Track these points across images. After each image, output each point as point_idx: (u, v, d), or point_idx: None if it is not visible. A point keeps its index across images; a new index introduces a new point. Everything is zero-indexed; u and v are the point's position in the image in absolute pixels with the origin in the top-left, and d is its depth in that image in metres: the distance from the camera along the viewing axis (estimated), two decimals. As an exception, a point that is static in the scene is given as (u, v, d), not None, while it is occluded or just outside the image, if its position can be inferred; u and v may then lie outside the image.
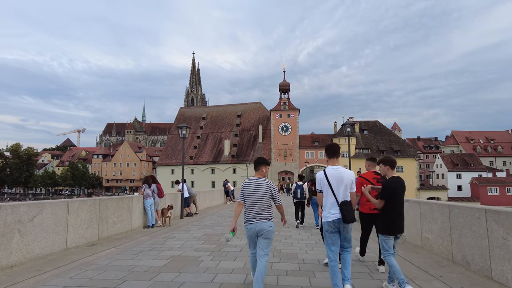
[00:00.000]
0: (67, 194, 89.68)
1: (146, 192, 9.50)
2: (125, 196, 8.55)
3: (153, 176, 9.96)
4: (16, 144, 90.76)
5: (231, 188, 22.24)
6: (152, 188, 9.71)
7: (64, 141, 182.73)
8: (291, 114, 71.66)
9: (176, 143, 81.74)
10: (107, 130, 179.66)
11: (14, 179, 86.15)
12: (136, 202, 9.06)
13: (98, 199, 7.21)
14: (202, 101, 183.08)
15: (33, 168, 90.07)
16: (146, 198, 9.42)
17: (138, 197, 9.25)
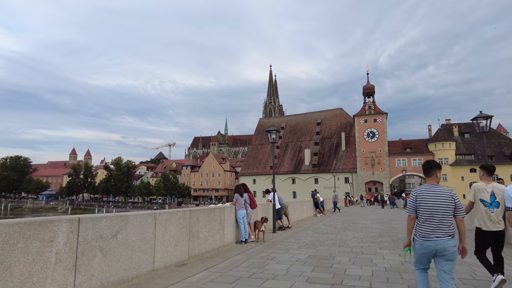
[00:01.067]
0: (160, 202, 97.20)
1: (238, 202, 8.40)
2: (217, 207, 7.51)
3: (245, 185, 8.84)
4: (118, 158, 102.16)
5: (320, 199, 20.33)
6: (244, 197, 8.57)
7: (157, 154, 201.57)
8: (378, 118, 66.41)
9: (256, 153, 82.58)
10: (194, 143, 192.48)
11: (117, 189, 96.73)
12: (228, 214, 7.97)
13: (188, 210, 6.22)
14: (280, 111, 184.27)
15: (131, 179, 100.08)
16: (238, 209, 8.31)
17: (230, 208, 8.17)
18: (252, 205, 8.73)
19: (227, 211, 7.88)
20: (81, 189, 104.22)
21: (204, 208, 6.83)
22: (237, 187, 8.60)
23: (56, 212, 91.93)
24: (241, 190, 8.51)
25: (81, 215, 4.07)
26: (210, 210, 7.02)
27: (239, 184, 8.75)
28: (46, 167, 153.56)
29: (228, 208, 7.97)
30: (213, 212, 7.16)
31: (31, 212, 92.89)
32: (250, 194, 8.78)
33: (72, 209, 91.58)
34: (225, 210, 7.80)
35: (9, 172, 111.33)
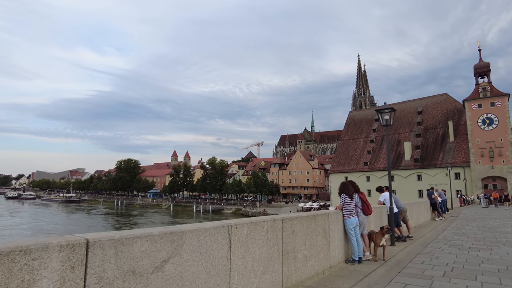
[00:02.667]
0: (251, 200, 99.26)
1: (347, 206, 6.20)
2: (319, 213, 5.34)
3: (353, 183, 6.57)
4: (213, 158, 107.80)
5: (438, 199, 16.44)
6: (355, 200, 6.31)
7: (247, 153, 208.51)
8: (497, 101, 55.44)
9: (347, 149, 77.47)
10: (281, 141, 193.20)
11: (212, 187, 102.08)
12: (334, 223, 5.77)
13: (279, 219, 4.22)
14: (371, 103, 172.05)
15: (225, 177, 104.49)
16: (347, 215, 6.09)
17: (336, 214, 5.96)
18: (366, 210, 6.37)
19: (332, 218, 5.68)
20: (181, 187, 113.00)
21: (301, 215, 4.74)
22: (344, 185, 6.38)
23: (160, 208, 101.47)
24: (350, 190, 6.29)
25: (94, 234, 2.37)
26: (309, 218, 4.92)
27: (346, 182, 6.52)
28: (152, 168, 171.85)
29: (333, 215, 5.76)
30: (313, 220, 5.03)
31: (140, 208, 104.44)
32: (362, 195, 6.46)
33: (173, 206, 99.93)
34: (330, 217, 5.61)
35: (123, 173, 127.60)
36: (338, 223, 5.90)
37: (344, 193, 6.22)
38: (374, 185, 64.74)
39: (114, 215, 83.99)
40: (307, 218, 4.84)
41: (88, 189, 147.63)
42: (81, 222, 69.80)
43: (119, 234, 2.39)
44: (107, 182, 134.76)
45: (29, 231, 56.48)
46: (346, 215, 6.05)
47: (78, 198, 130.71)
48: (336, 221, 5.85)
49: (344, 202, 6.12)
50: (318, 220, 5.17)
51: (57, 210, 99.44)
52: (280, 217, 4.24)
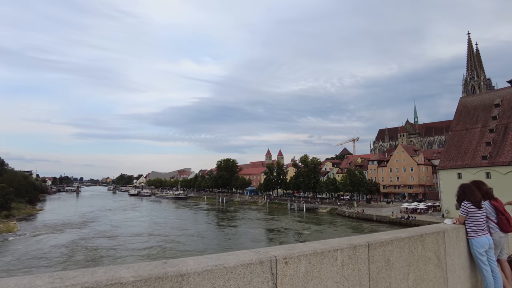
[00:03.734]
0: (347, 199, 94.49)
1: (472, 219, 4.18)
2: (428, 231, 3.46)
3: (481, 183, 4.59)
4: (305, 155, 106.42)
5: None
6: (485, 209, 4.33)
7: (341, 150, 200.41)
8: None
9: (460, 141, 67.02)
10: (379, 136, 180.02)
11: (305, 185, 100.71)
12: (452, 244, 3.88)
13: (364, 244, 2.61)
14: (488, 87, 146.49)
15: (318, 175, 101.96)
16: (474, 233, 4.14)
17: (455, 230, 4.06)
18: (505, 224, 4.31)
19: (450, 238, 3.83)
20: (275, 185, 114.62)
21: (399, 237, 3.13)
22: (465, 189, 4.39)
23: (256, 205, 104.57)
24: (477, 195, 4.32)
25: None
26: (414, 240, 3.24)
27: (469, 183, 4.53)
28: (248, 167, 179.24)
29: (451, 232, 3.93)
30: (420, 242, 3.33)
31: (239, 204, 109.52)
32: (496, 203, 4.48)
33: (268, 203, 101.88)
34: (446, 237, 3.81)
35: (223, 172, 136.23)
36: (459, 245, 4.04)
37: (466, 199, 4.30)
38: (496, 183, 53.80)
39: (215, 211, 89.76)
40: (409, 240, 3.22)
41: (194, 186, 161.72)
42: (187, 217, 76.42)
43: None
44: (209, 180, 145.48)
45: (145, 223, 64.59)
46: (472, 232, 4.17)
47: (185, 195, 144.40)
48: (457, 241, 4.00)
49: (467, 213, 4.24)
50: (427, 241, 3.49)
51: (167, 206, 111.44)
52: (365, 241, 2.79)
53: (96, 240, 46.27)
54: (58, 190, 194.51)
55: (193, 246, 42.63)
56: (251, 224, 64.23)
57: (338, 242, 2.65)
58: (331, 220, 69.12)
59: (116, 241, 45.25)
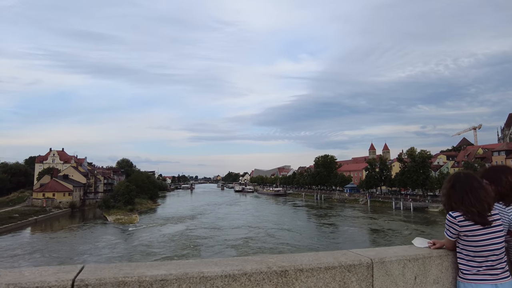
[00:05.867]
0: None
1: (470, 244, 2.30)
2: (353, 259, 2.30)
3: (506, 169, 2.63)
4: (411, 148, 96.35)
5: None
6: (502, 224, 2.38)
7: (460, 141, 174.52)
8: None
9: None
10: (510, 122, 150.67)
11: (413, 181, 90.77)
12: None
13: None
14: None
15: (427, 170, 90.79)
16: (467, 273, 2.30)
17: (423, 262, 2.15)
18: None
19: (389, 278, 2.10)
20: (378, 182, 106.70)
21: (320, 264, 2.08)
22: (458, 182, 2.43)
23: (357, 203, 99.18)
24: (479, 196, 2.31)
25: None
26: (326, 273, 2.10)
27: (471, 173, 2.52)
28: (349, 163, 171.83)
29: (397, 266, 2.15)
30: (332, 278, 2.08)
31: (338, 202, 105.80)
32: None
33: (370, 201, 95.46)
34: (377, 276, 2.04)
35: (320, 168, 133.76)
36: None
37: (456, 206, 2.40)
38: None
39: (312, 208, 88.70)
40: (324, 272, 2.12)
41: (292, 183, 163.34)
42: (284, 213, 77.57)
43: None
44: (307, 177, 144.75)
45: (245, 216, 68.46)
46: (465, 271, 2.32)
47: (284, 191, 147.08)
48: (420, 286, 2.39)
49: (457, 233, 2.37)
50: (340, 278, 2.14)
51: (267, 201, 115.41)
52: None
53: (200, 230, 51.08)
54: (176, 187, 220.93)
55: (289, 241, 43.02)
56: (350, 223, 61.23)
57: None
58: (444, 221, 60.59)
59: (217, 232, 49.09)
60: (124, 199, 74.15)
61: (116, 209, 70.17)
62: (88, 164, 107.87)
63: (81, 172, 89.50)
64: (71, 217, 68.40)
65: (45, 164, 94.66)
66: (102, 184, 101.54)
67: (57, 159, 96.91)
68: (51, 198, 72.03)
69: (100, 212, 71.97)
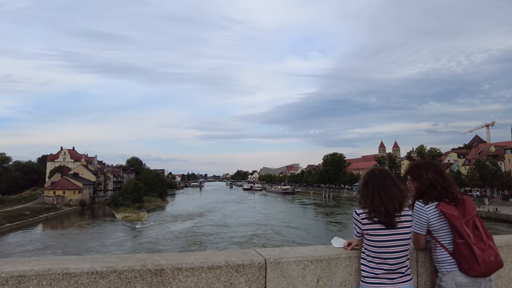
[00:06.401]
0: (477, 195, 79.90)
1: (372, 243, 2.21)
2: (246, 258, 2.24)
3: (429, 164, 2.56)
4: (421, 146, 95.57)
5: None
6: (425, 221, 2.38)
7: (472, 138, 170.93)
8: None
9: None
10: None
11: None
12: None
13: None
14: None
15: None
16: (367, 275, 2.22)
17: (326, 263, 2.14)
18: (468, 260, 2.19)
19: (281, 279, 2.05)
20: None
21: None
22: (369, 178, 2.34)
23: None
24: (383, 192, 2.21)
25: None
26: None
27: (383, 169, 2.45)
28: (358, 161, 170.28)
29: (295, 267, 2.10)
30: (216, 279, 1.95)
31: (346, 201, 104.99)
32: (450, 209, 2.28)
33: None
34: (270, 278, 2.00)
35: (329, 166, 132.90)
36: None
37: (363, 203, 2.31)
38: None
39: (319, 207, 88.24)
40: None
41: (301, 182, 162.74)
42: (291, 211, 77.44)
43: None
44: (316, 175, 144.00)
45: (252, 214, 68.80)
46: (367, 273, 2.21)
47: (292, 190, 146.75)
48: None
49: (361, 231, 2.27)
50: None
51: (275, 199, 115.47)
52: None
53: (207, 227, 51.59)
54: (185, 185, 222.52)
55: (295, 238, 43.08)
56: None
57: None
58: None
59: (224, 230, 49.52)
60: (133, 197, 75.05)
61: (124, 207, 71.09)
62: (98, 163, 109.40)
63: (91, 170, 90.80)
64: (81, 215, 69.56)
65: (56, 163, 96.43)
66: (111, 182, 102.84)
67: (68, 157, 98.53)
68: (62, 196, 73.32)
69: (109, 210, 73.03)
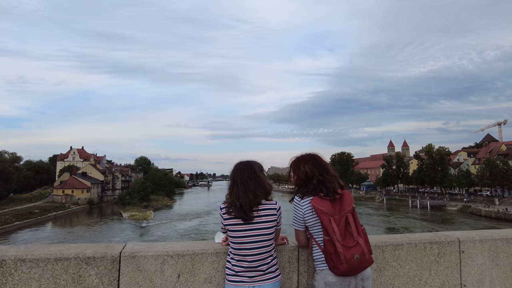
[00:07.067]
0: (487, 195, 78.45)
1: (234, 239, 2.21)
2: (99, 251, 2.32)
3: (315, 156, 2.53)
4: (429, 145, 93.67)
5: None
6: (301, 216, 2.31)
7: (484, 137, 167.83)
8: None
9: None
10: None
11: (431, 179, 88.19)
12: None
13: None
14: None
15: (446, 167, 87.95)
16: (229, 274, 2.21)
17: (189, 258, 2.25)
18: (333, 258, 2.13)
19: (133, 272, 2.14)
20: (395, 180, 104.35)
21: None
22: (236, 172, 2.32)
23: (373, 201, 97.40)
24: (241, 186, 2.23)
25: None
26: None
27: (251, 161, 2.37)
28: (367, 160, 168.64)
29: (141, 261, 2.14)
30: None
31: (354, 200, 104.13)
32: (323, 204, 2.19)
33: (387, 199, 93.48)
34: (124, 270, 2.11)
35: (336, 165, 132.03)
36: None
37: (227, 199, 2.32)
38: None
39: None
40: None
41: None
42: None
43: None
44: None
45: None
46: (229, 272, 2.19)
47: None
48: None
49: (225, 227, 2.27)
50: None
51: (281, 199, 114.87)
52: None
53: (212, 225, 51.92)
54: (193, 184, 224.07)
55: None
56: (363, 221, 60.05)
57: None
58: (461, 220, 58.75)
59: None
60: (140, 196, 75.89)
61: (131, 205, 71.97)
62: (107, 162, 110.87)
63: (99, 169, 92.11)
64: (89, 213, 70.68)
65: (66, 162, 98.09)
66: (120, 181, 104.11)
67: (77, 157, 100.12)
68: (70, 194, 74.62)
69: (116, 209, 74.04)
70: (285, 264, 2.43)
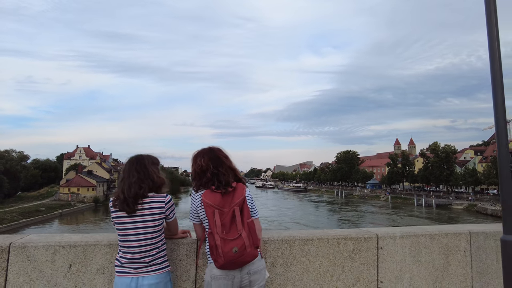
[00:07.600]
0: (493, 194, 77.42)
1: (120, 233, 2.31)
2: None
3: (216, 150, 2.48)
4: (435, 143, 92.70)
5: None
6: (195, 208, 2.36)
7: (492, 135, 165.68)
8: None
9: None
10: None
11: (436, 177, 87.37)
12: None
13: None
14: None
15: (452, 165, 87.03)
16: (117, 266, 2.32)
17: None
18: (214, 252, 2.16)
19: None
20: (401, 178, 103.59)
21: None
22: (128, 165, 2.34)
23: (378, 199, 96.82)
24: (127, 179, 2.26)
25: None
26: None
27: (143, 155, 2.40)
28: (373, 159, 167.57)
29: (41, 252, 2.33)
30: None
31: (358, 198, 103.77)
32: (214, 197, 2.21)
33: (392, 198, 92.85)
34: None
35: (342, 164, 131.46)
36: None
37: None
38: None
39: (331, 204, 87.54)
40: None
41: (313, 179, 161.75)
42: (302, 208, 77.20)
43: None
44: (329, 173, 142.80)
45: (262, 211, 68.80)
46: (117, 264, 2.27)
47: (304, 187, 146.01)
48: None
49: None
50: None
51: (286, 197, 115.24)
52: None
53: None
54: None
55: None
56: (367, 219, 60.18)
57: None
58: (466, 218, 58.17)
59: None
60: (143, 194, 76.49)
61: (135, 203, 72.56)
62: (113, 160, 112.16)
63: (105, 168, 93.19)
64: (95, 211, 71.57)
65: (72, 161, 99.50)
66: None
67: (83, 155, 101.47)
68: (76, 193, 75.65)
69: (121, 207, 74.66)
70: (182, 257, 2.49)
